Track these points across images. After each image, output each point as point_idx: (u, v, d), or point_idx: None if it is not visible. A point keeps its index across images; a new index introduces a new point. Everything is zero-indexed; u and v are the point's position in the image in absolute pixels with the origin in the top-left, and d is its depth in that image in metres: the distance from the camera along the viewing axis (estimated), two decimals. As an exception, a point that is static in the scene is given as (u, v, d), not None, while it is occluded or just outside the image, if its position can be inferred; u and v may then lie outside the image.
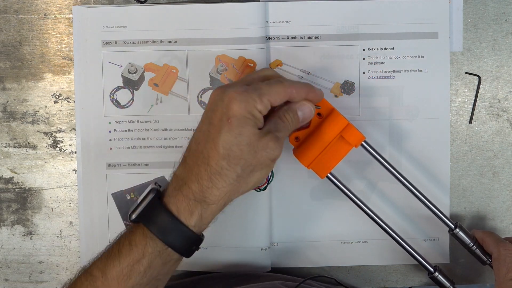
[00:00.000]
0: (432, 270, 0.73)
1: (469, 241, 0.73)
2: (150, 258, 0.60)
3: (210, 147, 0.59)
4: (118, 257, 0.60)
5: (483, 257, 0.73)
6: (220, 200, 0.60)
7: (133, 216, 0.61)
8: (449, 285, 0.73)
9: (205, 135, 0.60)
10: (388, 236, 0.72)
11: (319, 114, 0.69)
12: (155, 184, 0.64)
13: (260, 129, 0.60)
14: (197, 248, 0.62)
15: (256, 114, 0.59)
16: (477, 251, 0.73)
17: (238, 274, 0.77)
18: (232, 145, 0.58)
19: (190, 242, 0.61)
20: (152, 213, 0.60)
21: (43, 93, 0.79)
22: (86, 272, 0.61)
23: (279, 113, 0.63)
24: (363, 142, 0.69)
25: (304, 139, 0.69)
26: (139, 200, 0.62)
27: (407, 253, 0.73)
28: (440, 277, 0.73)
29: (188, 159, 0.61)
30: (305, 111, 0.64)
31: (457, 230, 0.73)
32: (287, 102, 0.63)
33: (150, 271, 0.60)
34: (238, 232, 0.76)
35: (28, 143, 0.79)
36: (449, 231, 0.74)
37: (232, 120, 0.58)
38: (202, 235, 0.63)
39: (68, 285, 0.62)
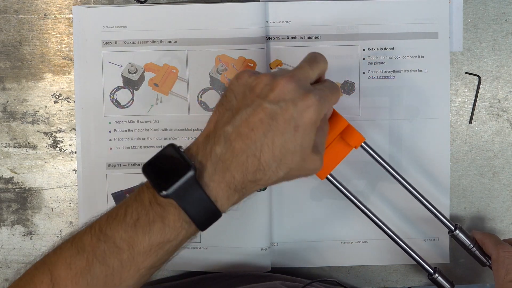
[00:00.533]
0: (432, 271, 0.73)
1: (469, 243, 0.73)
2: (182, 240, 0.57)
3: (267, 143, 0.56)
4: (149, 232, 0.55)
5: (483, 258, 0.73)
6: (255, 191, 0.59)
7: (166, 192, 0.55)
8: (448, 286, 0.73)
9: (263, 125, 0.56)
10: (387, 236, 0.72)
11: None
12: (178, 147, 0.59)
13: None
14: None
15: (319, 122, 0.59)
16: (477, 252, 0.73)
17: (238, 274, 0.77)
18: (288, 153, 0.57)
19: (215, 220, 0.58)
20: (191, 196, 0.55)
21: (43, 93, 0.79)
22: (107, 239, 0.56)
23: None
24: (363, 143, 0.69)
25: None
26: (169, 169, 0.56)
27: (405, 253, 0.73)
28: (439, 278, 0.73)
29: (235, 142, 0.56)
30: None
31: (457, 231, 0.73)
32: None
33: (177, 249, 0.58)
34: (238, 232, 0.76)
35: (28, 143, 0.79)
36: (449, 233, 0.74)
37: (300, 129, 0.56)
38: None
39: (82, 247, 0.56)
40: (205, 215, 0.56)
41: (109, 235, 0.56)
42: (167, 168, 0.57)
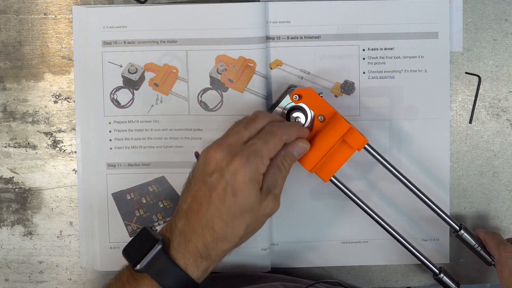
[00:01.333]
0: (437, 271, 0.73)
1: (474, 242, 0.73)
2: None
3: (214, 214, 0.61)
4: None
5: (488, 258, 0.73)
6: (224, 255, 0.64)
7: (139, 267, 0.61)
8: (454, 286, 0.73)
9: (207, 199, 0.61)
10: (389, 236, 0.72)
11: (321, 118, 0.69)
12: (151, 227, 0.65)
13: (261, 187, 0.62)
14: None
15: (259, 178, 0.62)
16: (482, 252, 0.73)
17: (238, 274, 0.77)
18: (236, 216, 0.61)
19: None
20: (161, 267, 0.61)
21: (43, 93, 0.79)
22: None
23: (277, 163, 0.64)
24: (366, 145, 0.69)
25: None
26: (140, 247, 0.63)
27: (407, 253, 0.73)
28: (445, 278, 0.73)
29: (190, 217, 0.62)
30: (301, 150, 0.67)
31: (462, 231, 0.73)
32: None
33: None
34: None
35: (28, 143, 0.79)
36: (453, 233, 0.74)
37: (238, 193, 0.60)
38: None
39: None
40: (176, 282, 0.61)
41: None
42: (140, 246, 0.63)
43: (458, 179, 0.79)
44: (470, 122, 0.79)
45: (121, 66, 0.76)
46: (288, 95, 0.70)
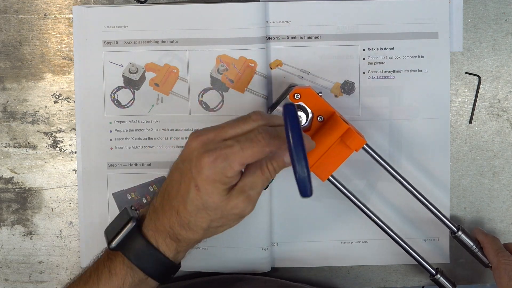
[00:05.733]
0: (434, 272, 0.73)
1: (472, 244, 0.73)
2: (130, 286, 0.62)
3: (179, 201, 0.60)
4: (97, 284, 0.62)
5: (485, 260, 0.73)
6: (192, 242, 0.62)
7: (113, 245, 0.62)
8: (450, 287, 0.73)
9: (177, 185, 0.60)
10: (388, 236, 0.72)
11: (321, 118, 0.69)
12: (131, 207, 0.66)
13: (234, 185, 0.59)
14: (174, 275, 0.64)
15: (226, 180, 0.58)
16: (479, 254, 0.73)
17: (233, 279, 0.77)
18: (199, 208, 0.59)
19: (169, 271, 0.63)
20: (132, 244, 0.61)
21: (43, 93, 0.79)
22: None
23: (261, 163, 0.60)
24: (364, 146, 0.69)
25: None
26: (117, 226, 0.63)
27: (407, 253, 0.73)
28: (442, 279, 0.73)
29: (164, 197, 0.62)
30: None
31: (460, 233, 0.73)
32: None
33: None
34: (238, 232, 0.76)
35: (28, 143, 0.79)
36: (451, 234, 0.74)
37: (200, 187, 0.58)
38: (179, 263, 0.65)
39: None
40: (148, 259, 0.61)
41: None
42: (117, 226, 0.63)
43: (458, 179, 0.79)
44: (470, 122, 0.79)
45: (122, 66, 0.76)
46: (288, 95, 0.70)
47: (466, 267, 0.80)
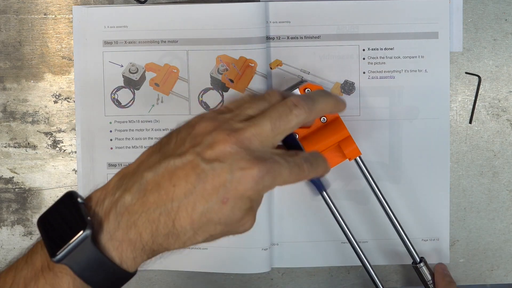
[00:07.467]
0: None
1: (430, 278, 0.74)
2: None
3: (186, 206, 0.47)
4: None
5: None
6: (165, 252, 0.50)
7: (60, 256, 0.46)
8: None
9: (187, 185, 0.47)
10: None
11: (324, 119, 0.69)
12: (81, 199, 0.49)
13: None
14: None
15: (258, 199, 0.50)
16: None
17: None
18: (210, 223, 0.47)
19: (123, 282, 0.49)
20: (88, 261, 0.46)
21: (43, 93, 0.79)
22: None
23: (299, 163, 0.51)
24: (357, 157, 0.70)
25: (301, 138, 0.69)
26: (61, 227, 0.48)
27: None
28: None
29: (150, 193, 0.47)
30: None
31: (422, 264, 0.74)
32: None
33: None
34: (238, 232, 0.76)
35: (28, 143, 0.79)
36: (412, 264, 0.74)
37: (229, 203, 0.47)
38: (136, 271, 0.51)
39: None
40: (107, 280, 0.48)
41: None
42: (61, 226, 0.48)
43: (458, 179, 0.79)
44: (470, 122, 0.79)
45: (122, 66, 0.76)
46: (298, 88, 0.70)
47: (466, 267, 0.80)
